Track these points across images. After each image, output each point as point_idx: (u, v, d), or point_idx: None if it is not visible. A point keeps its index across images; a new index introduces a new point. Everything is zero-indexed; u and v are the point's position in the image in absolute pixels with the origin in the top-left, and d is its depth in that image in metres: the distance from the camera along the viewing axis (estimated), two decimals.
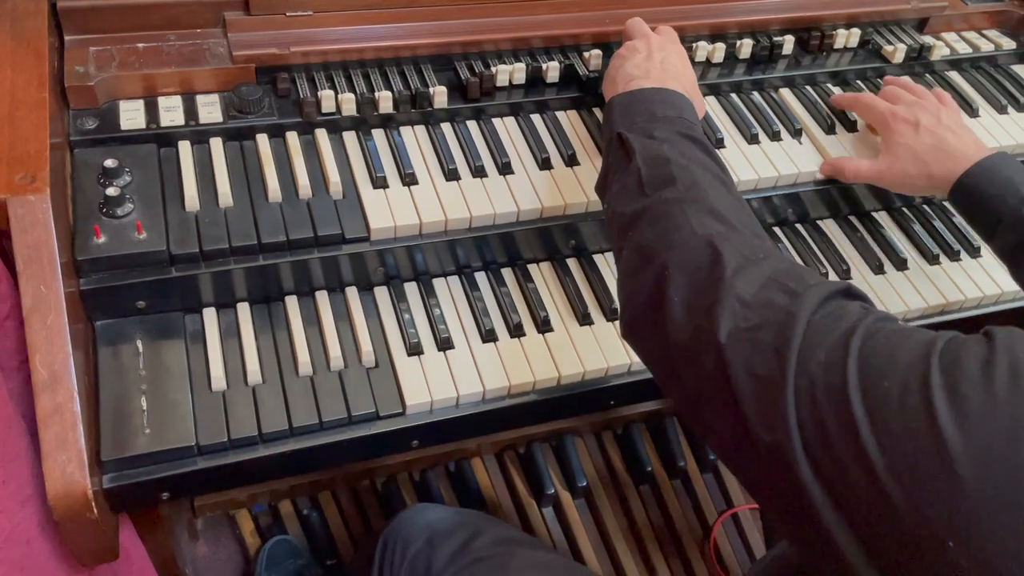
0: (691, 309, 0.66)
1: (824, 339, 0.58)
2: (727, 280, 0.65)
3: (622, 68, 0.95)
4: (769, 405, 0.58)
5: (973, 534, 0.48)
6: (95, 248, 0.85)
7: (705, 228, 0.71)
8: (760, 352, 0.60)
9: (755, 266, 0.66)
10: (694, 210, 0.73)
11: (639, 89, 0.90)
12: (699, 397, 0.65)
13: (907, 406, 0.52)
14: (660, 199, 0.76)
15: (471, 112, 1.08)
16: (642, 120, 0.85)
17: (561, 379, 0.94)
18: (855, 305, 0.62)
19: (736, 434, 0.61)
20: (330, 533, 1.44)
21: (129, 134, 0.94)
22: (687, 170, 0.77)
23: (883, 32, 1.27)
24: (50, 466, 0.74)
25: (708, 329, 0.63)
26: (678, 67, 0.96)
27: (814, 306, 0.61)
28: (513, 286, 1.01)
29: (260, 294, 0.93)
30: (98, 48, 0.99)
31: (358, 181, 0.98)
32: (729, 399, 0.61)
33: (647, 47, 0.98)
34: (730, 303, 0.63)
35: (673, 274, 0.69)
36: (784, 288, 0.63)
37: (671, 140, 0.81)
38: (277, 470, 0.86)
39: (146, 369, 0.85)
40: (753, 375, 0.60)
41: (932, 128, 1.00)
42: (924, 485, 0.50)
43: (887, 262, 1.12)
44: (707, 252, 0.69)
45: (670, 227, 0.73)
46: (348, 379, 0.89)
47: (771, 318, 0.61)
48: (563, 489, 1.51)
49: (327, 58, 1.04)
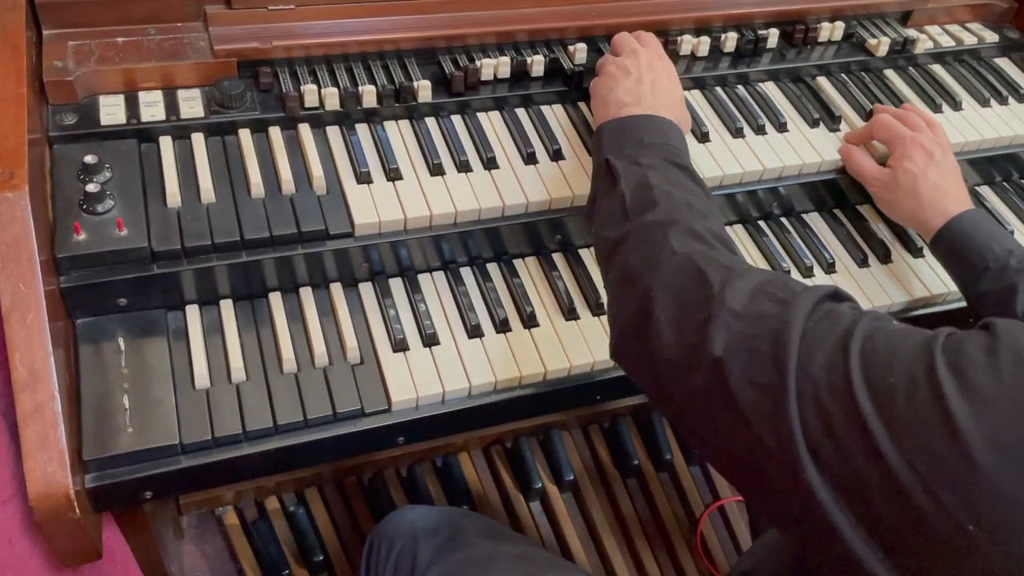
0: (680, 327, 0.68)
1: (821, 343, 0.60)
2: (716, 296, 0.67)
3: (614, 92, 0.96)
4: (771, 410, 0.59)
5: (993, 515, 0.50)
6: (75, 245, 0.84)
7: (686, 247, 0.73)
8: (758, 361, 0.62)
9: (740, 279, 0.68)
10: (675, 231, 0.75)
11: (629, 116, 0.91)
12: (692, 411, 0.67)
13: (916, 398, 0.53)
14: (642, 223, 0.78)
15: (456, 106, 1.07)
16: (630, 147, 0.87)
17: (547, 374, 0.94)
18: (845, 307, 0.64)
19: (734, 442, 0.63)
20: (317, 529, 1.44)
21: (109, 129, 0.93)
22: (669, 195, 0.79)
23: (867, 25, 1.28)
24: (31, 466, 0.73)
25: (701, 345, 0.65)
26: (668, 90, 0.98)
27: (806, 312, 0.62)
28: (499, 281, 1.01)
29: (243, 291, 0.93)
30: (77, 42, 0.97)
31: (342, 176, 0.97)
32: (728, 408, 0.63)
33: (637, 67, 0.98)
34: (723, 318, 0.65)
35: (658, 295, 0.71)
36: (773, 298, 0.65)
37: (656, 166, 0.83)
38: (262, 468, 0.86)
39: (128, 367, 0.84)
40: (753, 384, 0.61)
41: (940, 165, 1.03)
42: (940, 472, 0.51)
43: (871, 255, 1.12)
44: (690, 271, 0.70)
45: (652, 250, 0.75)
46: (333, 376, 0.88)
47: (765, 328, 0.63)
48: (550, 483, 1.51)
49: (310, 52, 1.03)
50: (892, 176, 1.04)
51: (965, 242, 0.97)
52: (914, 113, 1.10)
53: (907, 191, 1.03)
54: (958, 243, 0.98)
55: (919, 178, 1.02)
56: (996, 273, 0.93)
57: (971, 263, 0.96)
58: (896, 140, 1.05)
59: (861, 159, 1.09)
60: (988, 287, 0.94)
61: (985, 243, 0.96)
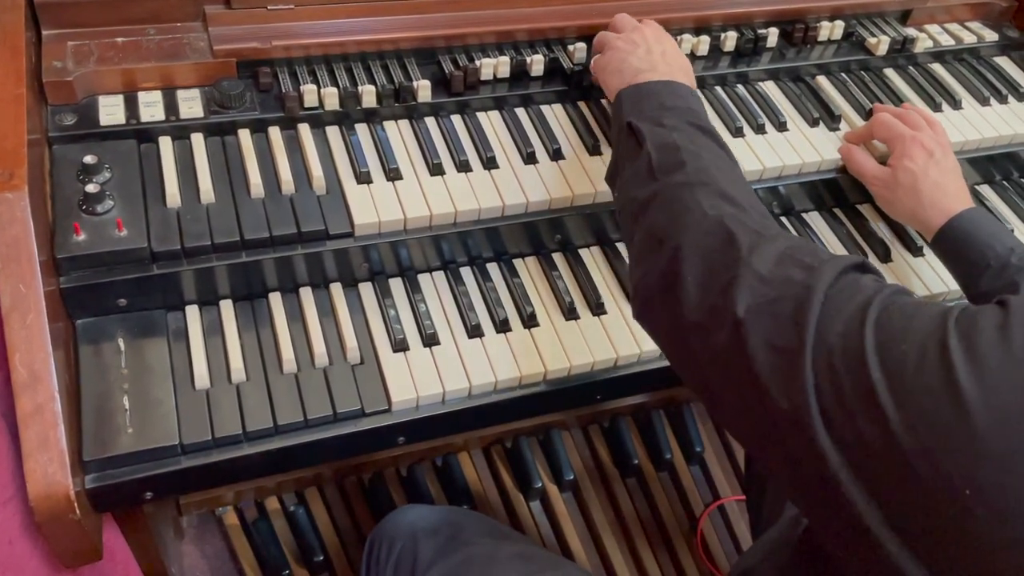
0: (706, 288, 0.68)
1: (841, 310, 0.61)
2: (743, 258, 0.67)
3: (626, 61, 0.96)
4: (788, 374, 0.60)
5: (989, 482, 0.51)
6: (75, 246, 0.84)
7: (716, 209, 0.73)
8: (779, 324, 0.62)
9: (769, 243, 0.68)
10: (704, 193, 0.75)
11: (647, 82, 0.91)
12: (712, 372, 0.68)
13: (925, 366, 0.54)
14: (671, 183, 0.78)
15: (455, 106, 1.07)
16: (651, 110, 0.87)
17: (547, 374, 0.94)
18: (869, 278, 0.65)
19: (750, 405, 0.64)
20: (317, 529, 1.44)
21: (109, 130, 0.93)
22: (697, 156, 0.79)
23: (867, 24, 1.28)
24: (31, 467, 0.73)
25: (724, 306, 0.65)
26: (678, 58, 0.98)
27: (831, 279, 0.63)
28: (499, 281, 1.01)
29: (243, 291, 0.93)
30: (76, 43, 0.97)
31: (342, 176, 0.97)
32: (745, 371, 0.63)
33: (644, 40, 0.99)
34: (748, 280, 0.65)
35: (686, 255, 0.71)
36: (800, 263, 0.65)
37: (680, 128, 0.83)
38: (262, 468, 0.85)
39: (128, 368, 0.84)
40: (772, 346, 0.62)
41: (940, 163, 1.03)
42: (941, 438, 0.52)
43: (872, 254, 1.12)
44: (720, 232, 0.71)
45: (681, 210, 0.75)
46: (333, 376, 0.88)
47: (789, 292, 0.63)
48: (550, 483, 1.51)
49: (309, 52, 1.03)
50: (892, 175, 1.04)
51: (966, 240, 0.97)
52: (914, 112, 1.10)
53: (907, 190, 1.03)
54: (959, 241, 0.98)
55: (919, 177, 1.02)
56: (997, 271, 0.93)
57: (972, 261, 0.96)
58: (896, 139, 1.05)
59: (861, 158, 1.09)
60: (990, 285, 0.94)
61: (986, 241, 0.96)
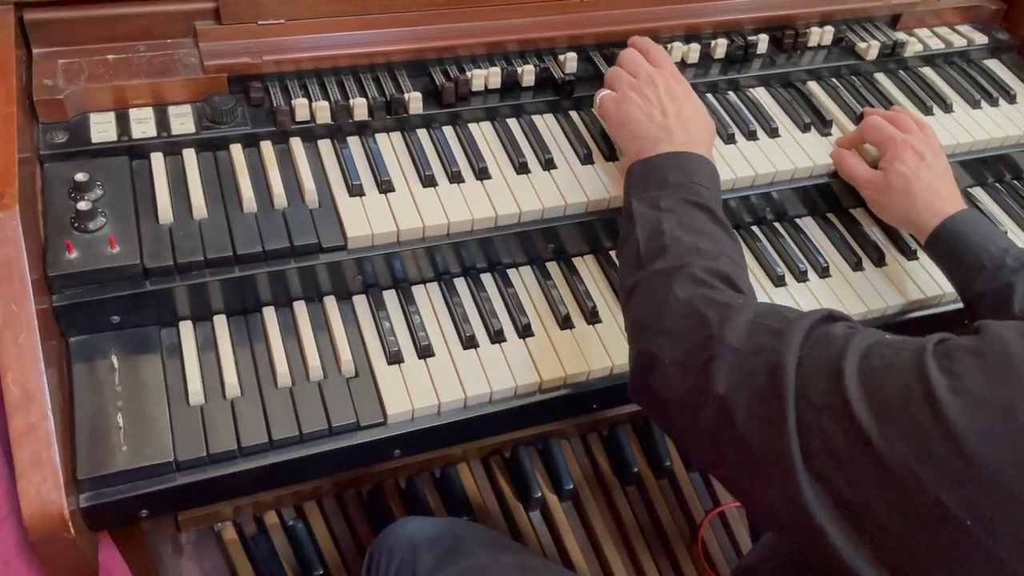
0: (685, 369, 0.71)
1: (818, 367, 0.62)
2: (715, 335, 0.69)
3: (643, 126, 0.95)
4: (774, 440, 0.62)
5: (988, 509, 0.52)
6: (67, 264, 0.83)
7: (686, 292, 0.75)
8: (759, 395, 0.64)
9: (738, 315, 0.70)
10: (678, 278, 0.77)
11: (657, 155, 0.92)
12: (705, 445, 0.70)
13: (911, 405, 0.55)
14: (652, 271, 0.81)
15: (447, 117, 1.07)
16: (654, 188, 0.89)
17: (543, 384, 0.94)
18: (839, 327, 0.66)
19: (743, 475, 0.66)
20: (316, 543, 1.43)
21: (100, 147, 0.93)
22: (678, 241, 0.82)
23: (856, 29, 1.28)
24: (25, 486, 0.73)
25: (704, 385, 0.68)
26: (694, 118, 0.97)
27: (800, 339, 0.64)
28: (493, 291, 1.01)
29: (237, 306, 0.92)
30: (67, 60, 0.97)
31: (334, 189, 0.97)
32: (736, 444, 0.65)
33: (659, 99, 0.96)
34: (724, 356, 0.67)
35: (662, 340, 0.74)
36: (768, 329, 0.67)
37: (674, 209, 0.85)
38: (258, 484, 0.85)
39: (122, 385, 0.84)
40: (755, 416, 0.64)
41: (932, 166, 1.03)
42: (938, 473, 0.53)
43: (866, 259, 1.12)
44: (691, 315, 0.73)
45: (658, 298, 0.78)
46: (328, 390, 0.88)
47: (762, 360, 0.65)
48: (550, 492, 1.51)
49: (300, 66, 1.03)
50: (884, 178, 1.05)
51: (960, 242, 0.97)
52: (904, 114, 1.10)
53: (900, 192, 1.03)
54: (953, 243, 0.98)
55: (911, 179, 1.02)
56: (992, 272, 0.93)
57: (967, 263, 0.96)
58: (887, 142, 1.06)
59: (853, 162, 1.09)
60: (985, 287, 0.94)
61: (980, 242, 0.96)
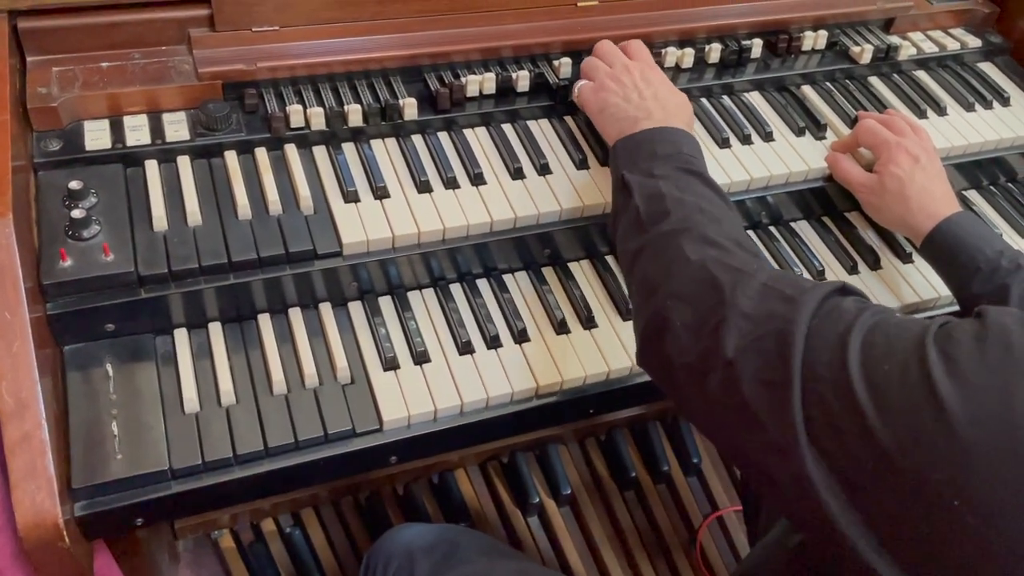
0: (696, 333, 0.71)
1: (825, 339, 0.62)
2: (727, 300, 0.69)
3: (622, 108, 0.97)
4: (778, 407, 0.62)
5: (976, 490, 0.52)
6: (61, 272, 0.83)
7: (698, 254, 0.75)
8: (767, 360, 0.64)
9: (750, 279, 0.70)
10: (687, 239, 0.77)
11: (641, 131, 0.93)
12: (711, 411, 0.70)
13: (908, 383, 0.56)
14: (657, 233, 0.80)
15: (442, 123, 1.07)
16: (643, 160, 0.89)
17: (539, 389, 0.93)
18: (850, 301, 0.66)
19: (747, 439, 0.65)
20: (314, 551, 1.43)
21: (94, 155, 0.93)
22: (681, 203, 0.82)
23: (850, 33, 1.28)
24: (19, 496, 0.73)
25: (714, 349, 0.68)
26: (670, 97, 0.99)
27: (812, 309, 0.65)
28: (489, 297, 1.01)
29: (232, 313, 0.92)
30: (61, 68, 0.97)
31: (329, 196, 0.97)
32: (741, 408, 0.65)
33: (634, 84, 0.99)
34: (734, 320, 0.68)
35: (674, 303, 0.73)
36: (781, 295, 0.67)
37: (669, 176, 0.86)
38: (254, 491, 0.85)
39: (117, 393, 0.84)
40: (762, 382, 0.64)
41: (927, 168, 1.03)
42: (929, 452, 0.54)
43: (861, 262, 1.12)
44: (703, 277, 0.73)
45: (667, 259, 0.77)
46: (323, 396, 0.88)
47: (773, 327, 0.65)
48: (548, 498, 1.51)
49: (295, 73, 1.03)
50: (879, 181, 1.05)
51: (955, 244, 0.97)
52: (898, 117, 1.11)
53: (895, 195, 1.03)
54: (948, 245, 0.98)
55: (906, 182, 1.02)
56: (988, 274, 0.93)
57: (962, 265, 0.96)
58: (881, 145, 1.06)
59: (847, 166, 1.09)
60: (981, 289, 0.94)
61: (975, 245, 0.96)
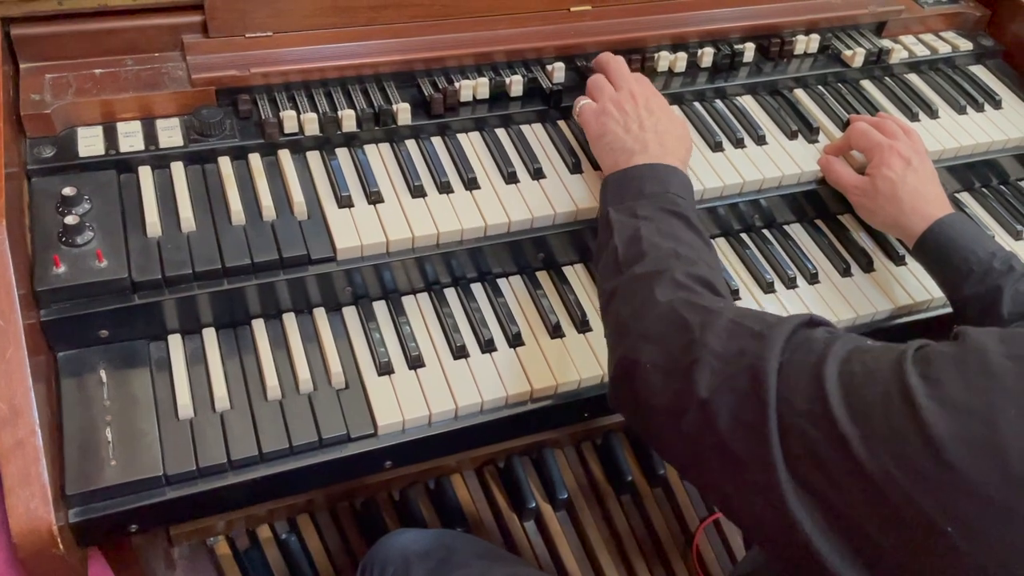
0: (667, 373, 0.70)
1: (800, 372, 0.62)
2: (697, 339, 0.69)
3: (620, 139, 0.96)
4: (756, 443, 0.62)
5: (967, 515, 0.52)
6: (54, 278, 0.83)
7: (667, 296, 0.75)
8: (741, 399, 0.64)
9: (718, 318, 0.70)
10: (659, 282, 0.77)
11: (633, 166, 0.93)
12: (687, 455, 0.70)
13: (890, 409, 0.55)
14: (631, 275, 0.81)
15: (435, 128, 1.07)
16: (629, 198, 0.90)
17: (534, 393, 0.93)
18: (820, 331, 0.66)
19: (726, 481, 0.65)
20: (310, 556, 1.42)
21: (88, 161, 0.93)
22: (657, 246, 0.82)
23: (842, 37, 1.29)
24: (13, 503, 0.73)
25: (687, 389, 0.67)
26: (670, 131, 0.98)
27: (782, 344, 0.64)
28: (483, 301, 1.01)
29: (226, 319, 0.92)
30: (54, 75, 0.97)
31: (323, 201, 0.97)
32: (719, 448, 0.64)
33: (637, 113, 0.98)
34: (707, 359, 0.67)
35: (643, 344, 0.73)
36: (750, 332, 0.67)
37: (651, 217, 0.86)
38: (248, 497, 0.85)
39: (111, 399, 0.84)
40: (737, 419, 0.63)
41: (918, 170, 1.04)
42: (918, 478, 0.53)
43: (854, 264, 1.13)
44: (672, 318, 0.73)
45: (638, 301, 0.77)
46: (318, 402, 0.88)
47: (744, 364, 0.65)
48: (544, 502, 1.50)
49: (288, 78, 1.03)
50: (871, 184, 1.05)
51: (948, 246, 0.98)
52: (890, 120, 1.11)
53: (887, 198, 1.03)
54: (941, 247, 0.98)
55: (898, 184, 1.03)
56: (980, 276, 0.94)
57: (955, 267, 0.96)
58: (874, 148, 1.06)
59: (840, 168, 1.10)
60: (973, 290, 0.94)
61: (968, 246, 0.96)
